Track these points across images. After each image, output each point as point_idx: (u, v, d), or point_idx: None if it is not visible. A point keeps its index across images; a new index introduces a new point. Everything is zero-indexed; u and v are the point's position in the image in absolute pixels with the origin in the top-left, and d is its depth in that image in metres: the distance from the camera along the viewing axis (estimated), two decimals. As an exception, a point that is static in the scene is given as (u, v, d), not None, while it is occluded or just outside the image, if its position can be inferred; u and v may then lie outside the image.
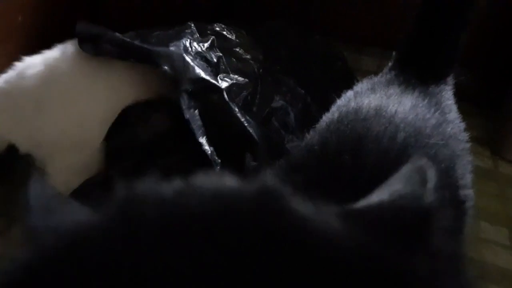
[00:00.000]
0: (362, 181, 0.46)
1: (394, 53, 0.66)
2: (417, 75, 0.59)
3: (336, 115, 0.53)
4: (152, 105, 0.72)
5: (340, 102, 0.57)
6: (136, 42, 0.70)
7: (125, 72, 0.73)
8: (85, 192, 0.73)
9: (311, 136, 0.54)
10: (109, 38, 0.70)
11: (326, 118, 0.54)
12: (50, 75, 0.70)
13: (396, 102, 0.52)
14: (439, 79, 0.61)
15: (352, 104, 0.53)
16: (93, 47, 0.70)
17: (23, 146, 0.72)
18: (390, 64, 0.65)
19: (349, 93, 0.58)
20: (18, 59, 0.76)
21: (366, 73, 1.37)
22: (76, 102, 0.70)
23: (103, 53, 0.70)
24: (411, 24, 0.65)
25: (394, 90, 0.56)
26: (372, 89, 0.57)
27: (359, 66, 1.34)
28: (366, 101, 0.52)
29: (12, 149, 0.73)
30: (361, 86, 0.60)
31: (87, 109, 0.71)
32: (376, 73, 1.47)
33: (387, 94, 0.54)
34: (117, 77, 0.72)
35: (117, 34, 0.71)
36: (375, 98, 0.53)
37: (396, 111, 0.50)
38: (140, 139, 0.72)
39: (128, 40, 0.70)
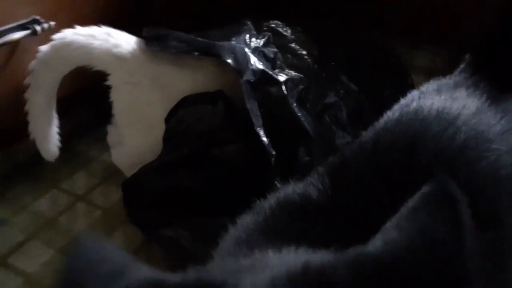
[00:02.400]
0: (414, 179, 0.46)
1: (467, 56, 0.65)
2: (488, 80, 0.57)
3: (396, 114, 0.53)
4: (208, 98, 0.75)
5: (403, 101, 0.56)
6: (200, 39, 0.74)
7: (192, 67, 0.78)
8: (143, 177, 0.78)
9: (365, 134, 0.54)
10: (175, 36, 0.75)
11: (386, 116, 0.54)
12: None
13: (461, 105, 0.51)
14: (512, 86, 0.59)
15: (414, 104, 0.53)
16: (159, 44, 0.75)
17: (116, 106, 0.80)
18: (461, 66, 0.63)
19: (414, 93, 0.58)
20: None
21: (420, 70, 1.35)
22: (172, 93, 0.77)
23: (169, 49, 0.74)
24: (489, 29, 0.63)
25: (460, 93, 0.55)
26: (438, 91, 0.56)
27: (413, 62, 1.31)
28: (429, 102, 0.52)
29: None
30: (427, 86, 0.59)
31: (161, 94, 0.77)
32: (429, 70, 1.44)
33: (452, 96, 0.54)
34: (184, 72, 0.78)
35: (182, 33, 0.76)
36: (439, 100, 0.53)
37: (459, 114, 0.50)
38: (196, 129, 0.76)
39: (192, 36, 0.74)
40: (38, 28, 0.76)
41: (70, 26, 0.84)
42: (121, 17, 0.97)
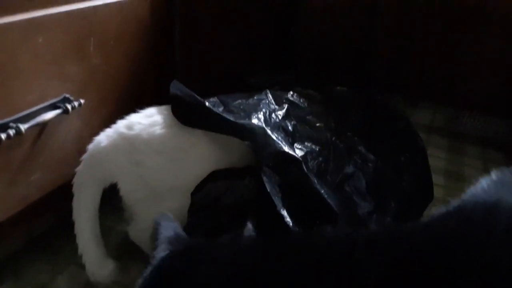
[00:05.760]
0: None
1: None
2: None
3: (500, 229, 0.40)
4: (237, 173, 0.77)
5: (480, 195, 0.45)
6: (221, 112, 0.77)
7: (217, 141, 0.80)
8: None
9: None
10: (198, 108, 0.78)
11: (454, 215, 0.44)
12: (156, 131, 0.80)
13: None
14: None
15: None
16: (183, 116, 0.78)
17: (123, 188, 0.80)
18: None
19: (486, 183, 0.47)
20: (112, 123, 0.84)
21: (420, 128, 1.39)
22: (176, 156, 0.79)
23: (192, 125, 0.77)
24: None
25: None
26: None
27: (412, 120, 1.37)
28: None
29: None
30: (499, 176, 0.48)
31: (184, 165, 0.78)
32: (430, 128, 1.48)
33: None
34: (211, 144, 0.80)
35: (207, 104, 0.78)
36: None
37: None
38: (224, 204, 0.77)
39: (215, 111, 0.76)
40: (69, 106, 0.77)
41: (100, 103, 0.87)
42: (146, 91, 1.00)
